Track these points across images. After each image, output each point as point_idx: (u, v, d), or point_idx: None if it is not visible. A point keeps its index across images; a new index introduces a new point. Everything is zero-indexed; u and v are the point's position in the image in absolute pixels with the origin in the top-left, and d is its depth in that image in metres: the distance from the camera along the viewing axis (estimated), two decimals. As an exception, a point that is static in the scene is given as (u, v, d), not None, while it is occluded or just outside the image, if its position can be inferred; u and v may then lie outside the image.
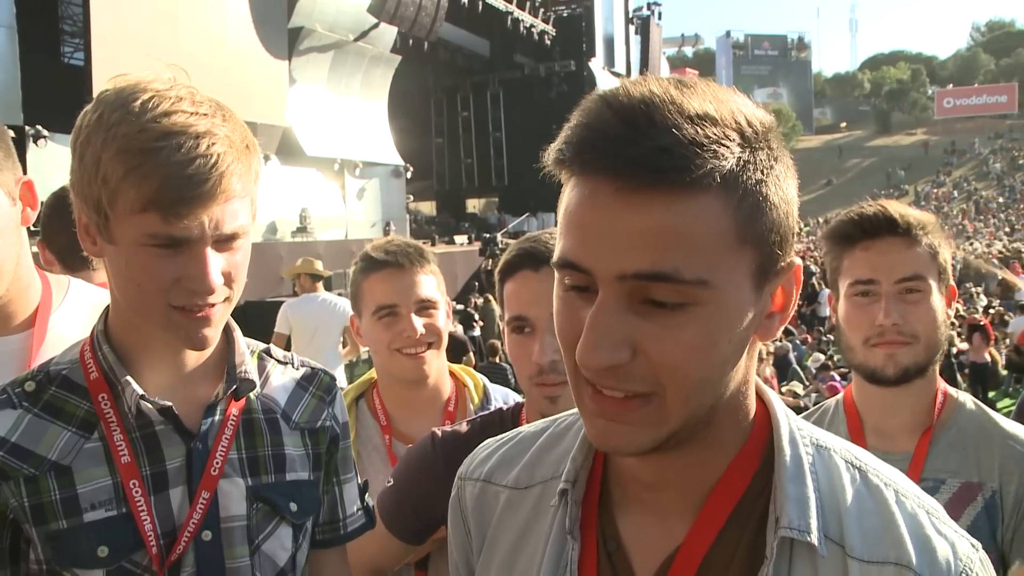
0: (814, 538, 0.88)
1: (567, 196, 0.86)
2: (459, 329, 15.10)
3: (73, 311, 1.81)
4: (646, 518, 0.98)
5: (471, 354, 12.45)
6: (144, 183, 1.20)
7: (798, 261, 0.90)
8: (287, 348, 5.45)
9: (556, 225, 0.92)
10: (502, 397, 2.32)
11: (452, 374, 2.34)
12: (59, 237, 2.29)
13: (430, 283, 2.20)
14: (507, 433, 1.21)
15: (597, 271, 0.82)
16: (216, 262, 1.27)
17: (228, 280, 1.31)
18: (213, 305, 1.30)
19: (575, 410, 1.11)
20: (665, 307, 0.81)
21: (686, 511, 0.95)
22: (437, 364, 2.21)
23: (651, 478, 0.96)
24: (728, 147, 0.80)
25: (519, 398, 2.29)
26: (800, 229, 0.96)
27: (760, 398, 0.99)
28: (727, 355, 0.86)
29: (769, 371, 12.99)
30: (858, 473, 0.96)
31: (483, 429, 1.75)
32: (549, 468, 1.08)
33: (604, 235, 0.81)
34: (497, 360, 12.14)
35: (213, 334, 1.34)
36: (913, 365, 1.73)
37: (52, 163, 14.35)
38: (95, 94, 1.29)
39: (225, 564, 1.35)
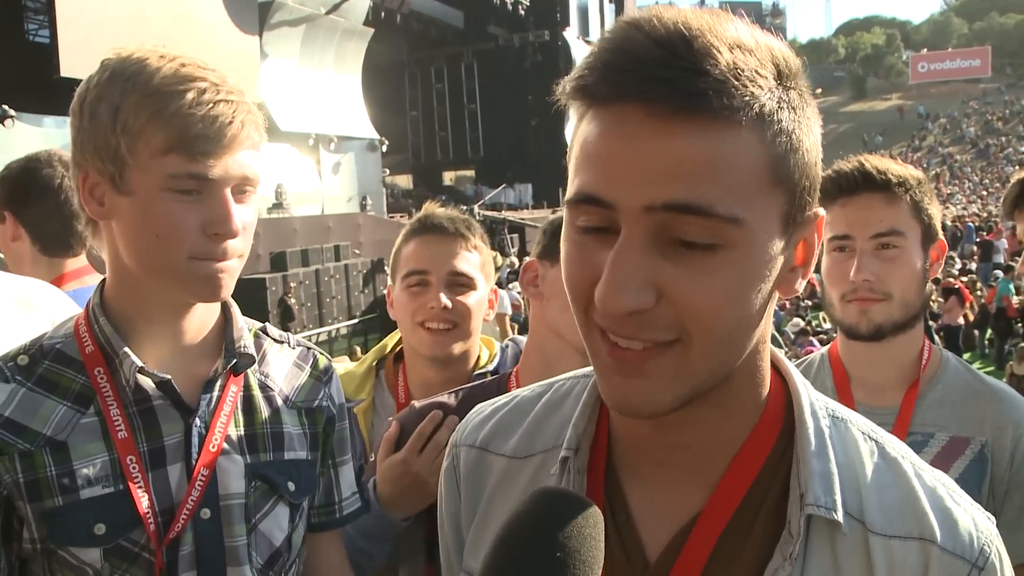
0: (839, 515, 0.85)
1: (585, 129, 0.78)
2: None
3: None
4: (657, 488, 0.92)
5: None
6: (171, 123, 1.22)
7: (822, 212, 0.85)
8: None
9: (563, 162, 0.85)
10: (509, 358, 2.16)
11: None
12: (47, 221, 2.16)
13: (471, 259, 2.01)
14: (501, 397, 1.14)
15: (622, 203, 0.75)
16: (236, 210, 1.28)
17: (243, 234, 1.31)
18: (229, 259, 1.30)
19: (573, 373, 1.08)
20: (695, 248, 0.75)
21: (702, 481, 0.90)
22: (464, 347, 2.02)
23: (665, 445, 0.90)
24: (765, 78, 0.75)
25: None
26: None
27: (773, 364, 0.94)
28: (756, 308, 0.80)
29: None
30: (875, 446, 0.92)
31: (467, 402, 1.68)
32: (550, 437, 1.02)
33: (631, 164, 0.74)
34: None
35: (229, 284, 1.32)
36: (887, 322, 1.72)
37: (21, 143, 14.09)
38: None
39: (224, 543, 1.32)
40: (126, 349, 1.29)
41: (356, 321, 19.51)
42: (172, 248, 1.26)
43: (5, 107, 14.70)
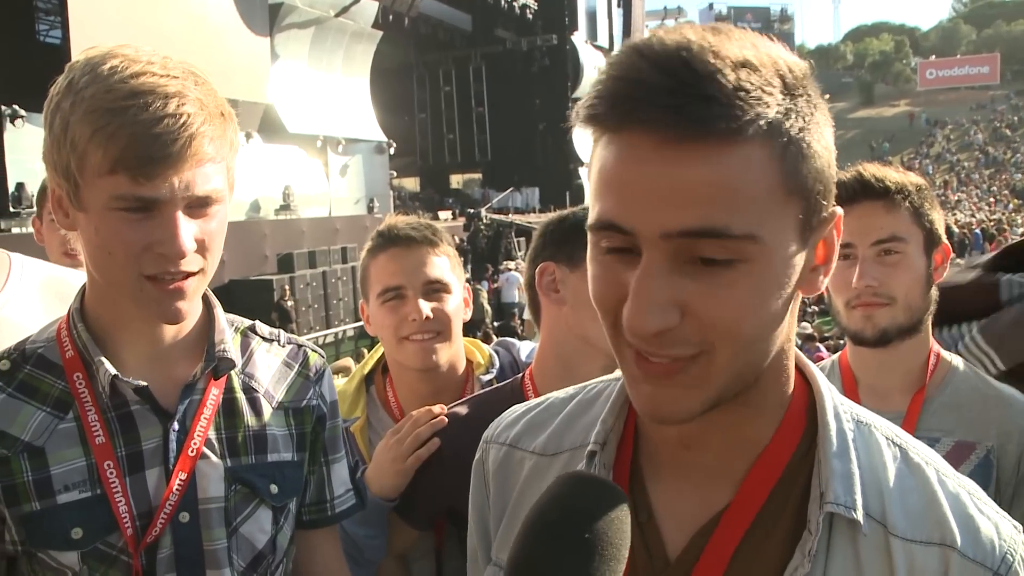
0: (859, 515, 0.87)
1: (600, 155, 0.81)
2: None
3: (21, 290, 1.70)
4: (680, 487, 0.94)
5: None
6: (111, 143, 1.16)
7: (839, 211, 0.86)
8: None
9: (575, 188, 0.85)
10: (506, 363, 2.18)
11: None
12: None
13: (442, 264, 2.02)
14: (536, 399, 1.17)
15: (641, 231, 0.77)
16: (188, 228, 1.23)
17: (202, 248, 1.27)
18: (186, 276, 1.26)
19: (605, 377, 1.11)
20: (714, 265, 0.77)
21: (725, 480, 0.92)
22: (449, 353, 2.02)
23: (691, 444, 0.92)
24: (771, 94, 0.76)
25: (528, 347, 2.22)
26: None
27: (798, 366, 0.96)
28: (777, 312, 0.83)
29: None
30: (899, 451, 0.94)
31: (483, 408, 1.70)
32: (579, 435, 1.04)
33: (647, 192, 0.76)
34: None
35: (187, 307, 1.29)
36: (892, 327, 1.74)
37: (31, 143, 14.17)
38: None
39: (203, 546, 1.32)
40: (101, 358, 1.29)
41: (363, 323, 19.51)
42: (123, 266, 1.23)
43: (16, 107, 14.75)
